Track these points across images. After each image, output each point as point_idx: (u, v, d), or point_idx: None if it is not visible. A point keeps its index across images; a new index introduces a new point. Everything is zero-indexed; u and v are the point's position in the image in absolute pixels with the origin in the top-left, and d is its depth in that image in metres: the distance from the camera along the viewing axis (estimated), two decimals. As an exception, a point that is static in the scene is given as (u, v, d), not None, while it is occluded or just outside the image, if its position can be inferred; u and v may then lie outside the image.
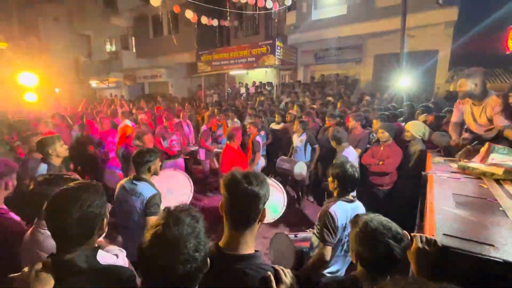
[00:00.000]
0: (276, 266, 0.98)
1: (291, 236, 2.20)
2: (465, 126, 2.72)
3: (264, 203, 1.04)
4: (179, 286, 0.75)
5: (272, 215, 2.87)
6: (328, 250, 1.83)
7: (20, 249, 1.37)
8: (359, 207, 1.99)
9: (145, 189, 2.08)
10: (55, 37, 19.08)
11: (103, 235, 1.12)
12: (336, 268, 1.99)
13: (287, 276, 0.95)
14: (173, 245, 0.75)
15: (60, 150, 2.56)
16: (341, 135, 3.18)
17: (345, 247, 1.95)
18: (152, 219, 1.96)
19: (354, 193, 2.66)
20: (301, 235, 2.26)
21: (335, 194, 2.01)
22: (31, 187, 1.43)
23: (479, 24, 6.24)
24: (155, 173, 2.27)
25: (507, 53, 2.58)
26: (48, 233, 1.31)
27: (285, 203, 3.02)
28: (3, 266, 1.29)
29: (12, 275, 0.90)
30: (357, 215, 1.26)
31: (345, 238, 1.92)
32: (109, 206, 1.16)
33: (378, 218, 1.17)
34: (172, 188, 3.88)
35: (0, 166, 1.71)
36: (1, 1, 20.33)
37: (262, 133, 5.46)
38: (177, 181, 3.92)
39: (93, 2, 17.12)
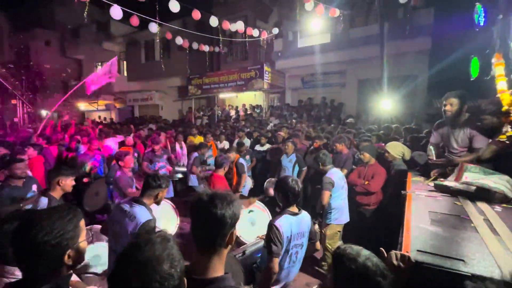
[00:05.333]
0: (247, 287, 0.98)
1: (239, 255, 2.27)
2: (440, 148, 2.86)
3: (232, 225, 1.01)
4: None
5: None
6: (275, 261, 1.92)
7: None
8: (303, 219, 2.10)
9: (140, 213, 1.98)
10: (46, 61, 19.19)
11: (77, 265, 1.01)
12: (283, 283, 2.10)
13: None
14: (146, 265, 0.73)
15: (69, 183, 2.47)
16: (326, 157, 3.29)
17: (292, 257, 2.06)
18: None
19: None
20: (250, 249, 2.36)
21: (281, 206, 2.14)
22: None
23: (452, 53, 6.75)
24: (158, 202, 2.18)
25: (471, 79, 2.88)
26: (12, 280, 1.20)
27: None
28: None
29: None
30: (338, 248, 1.17)
31: (291, 249, 2.04)
32: (85, 233, 1.07)
33: (363, 253, 1.09)
34: (158, 217, 3.80)
35: None
36: (-7, 25, 20.53)
37: (247, 157, 5.54)
38: (162, 210, 3.85)
39: (86, 27, 17.53)
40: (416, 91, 9.21)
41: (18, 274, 1.22)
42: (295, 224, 2.03)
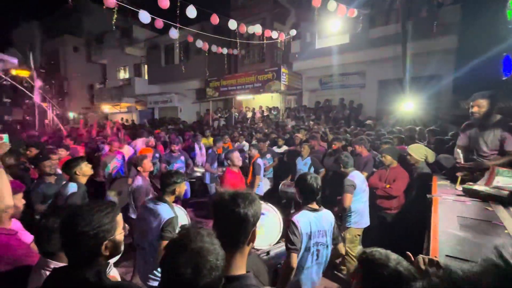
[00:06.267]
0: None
1: (263, 255, 2.23)
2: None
3: (254, 224, 1.04)
4: None
5: (267, 242, 2.76)
6: (294, 257, 1.86)
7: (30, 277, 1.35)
8: (325, 216, 2.04)
9: (164, 211, 2.06)
10: (73, 66, 20.37)
11: (113, 258, 1.10)
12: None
13: None
14: (199, 254, 0.78)
15: (86, 169, 2.67)
16: (348, 159, 3.22)
17: (314, 256, 1.97)
18: (165, 244, 1.96)
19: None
20: (275, 251, 2.31)
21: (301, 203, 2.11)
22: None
23: (480, 51, 6.42)
24: (179, 196, 2.27)
25: (503, 78, 2.72)
26: None
27: (281, 230, 2.90)
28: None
29: None
30: (364, 253, 1.11)
31: (313, 247, 1.95)
32: (126, 228, 1.16)
33: (393, 257, 1.05)
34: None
35: None
36: (27, 32, 22.05)
37: (268, 156, 5.53)
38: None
39: (111, 33, 18.38)
40: (441, 92, 8.82)
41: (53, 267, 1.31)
42: (315, 220, 1.98)
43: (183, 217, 3.50)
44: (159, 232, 1.99)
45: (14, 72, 14.29)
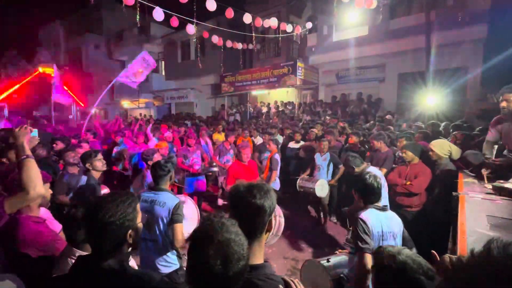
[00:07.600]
0: (286, 277, 0.98)
1: (323, 262, 2.04)
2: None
3: (270, 214, 1.06)
4: (230, 286, 0.80)
5: None
6: (368, 257, 1.67)
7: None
8: (393, 218, 1.89)
9: (168, 199, 2.16)
10: (95, 63, 21.10)
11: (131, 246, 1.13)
12: None
13: None
14: (227, 246, 0.79)
15: (97, 164, 2.75)
16: (355, 158, 3.11)
17: None
18: (179, 226, 2.05)
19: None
20: (334, 259, 2.09)
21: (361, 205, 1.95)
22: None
23: (511, 41, 6.00)
24: (172, 181, 2.40)
25: None
26: None
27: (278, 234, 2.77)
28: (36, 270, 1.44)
29: None
30: (380, 247, 1.17)
31: None
32: (144, 217, 1.19)
33: (405, 251, 1.08)
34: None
35: None
36: (51, 31, 23.05)
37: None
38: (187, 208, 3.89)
39: (129, 31, 18.81)
40: (467, 85, 8.35)
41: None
42: (385, 221, 1.80)
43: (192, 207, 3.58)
44: (169, 219, 2.09)
45: (41, 69, 15.04)
